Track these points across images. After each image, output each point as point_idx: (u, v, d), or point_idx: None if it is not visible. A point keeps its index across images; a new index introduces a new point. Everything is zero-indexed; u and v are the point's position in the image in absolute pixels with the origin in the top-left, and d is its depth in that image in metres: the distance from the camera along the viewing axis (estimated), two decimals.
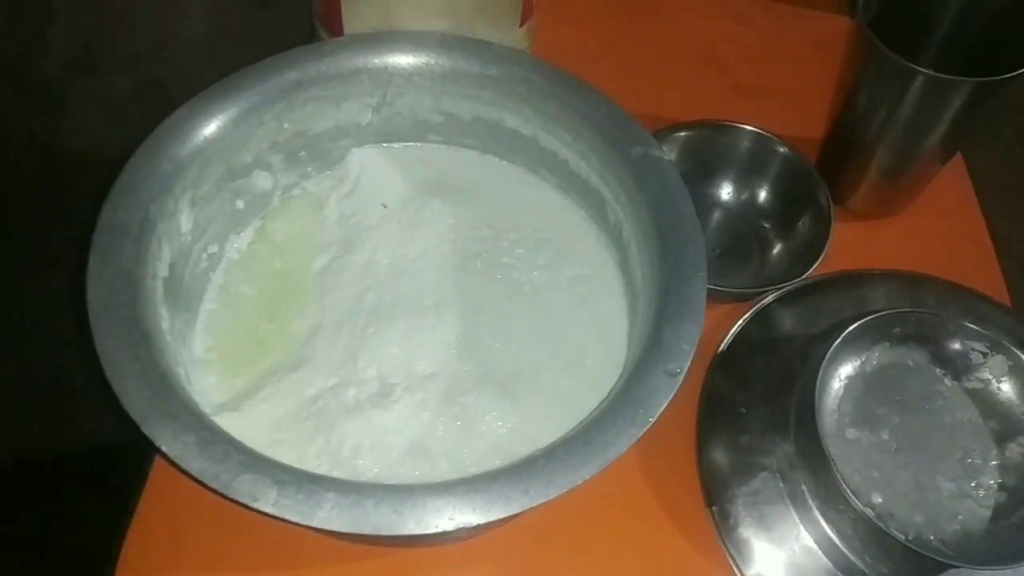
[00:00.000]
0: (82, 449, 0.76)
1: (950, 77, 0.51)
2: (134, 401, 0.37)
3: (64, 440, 0.77)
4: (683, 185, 0.47)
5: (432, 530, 0.35)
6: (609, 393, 0.42)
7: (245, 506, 0.35)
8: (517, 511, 0.36)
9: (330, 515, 0.35)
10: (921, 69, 0.52)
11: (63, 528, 0.72)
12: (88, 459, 0.74)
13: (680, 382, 0.40)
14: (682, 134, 0.61)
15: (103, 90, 0.79)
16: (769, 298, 0.59)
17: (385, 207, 0.55)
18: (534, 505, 0.36)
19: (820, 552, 0.49)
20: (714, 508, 0.51)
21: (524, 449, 0.45)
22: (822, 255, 0.57)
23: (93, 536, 0.51)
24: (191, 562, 0.49)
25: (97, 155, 0.48)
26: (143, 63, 0.78)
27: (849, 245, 0.62)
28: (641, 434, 0.38)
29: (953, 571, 0.47)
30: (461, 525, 0.35)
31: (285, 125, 0.51)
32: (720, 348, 0.57)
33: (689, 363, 0.41)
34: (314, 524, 0.35)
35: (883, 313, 0.52)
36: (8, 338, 0.86)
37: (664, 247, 0.45)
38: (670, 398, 0.40)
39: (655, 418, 0.39)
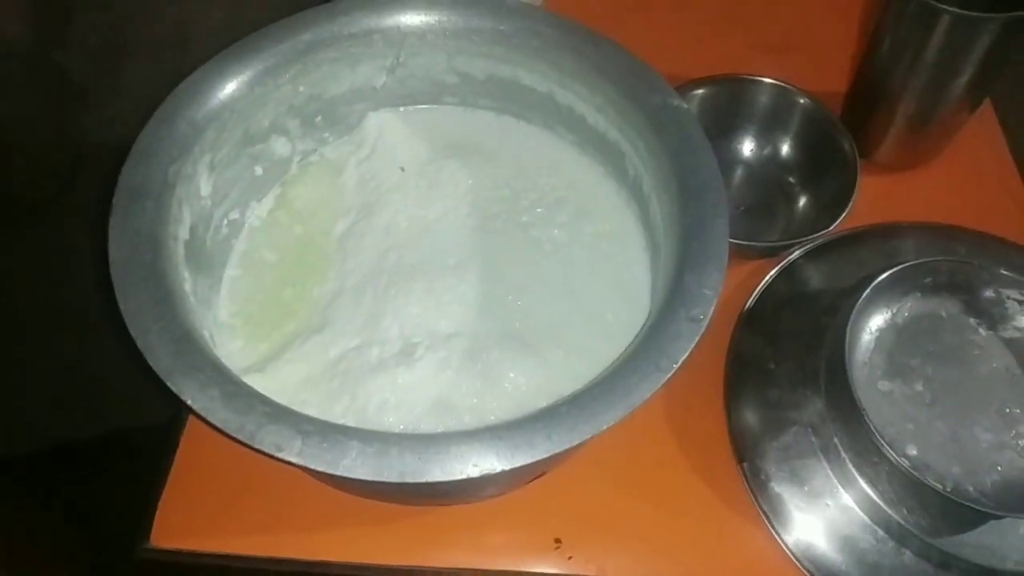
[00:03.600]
0: (118, 432, 0.78)
1: (977, 14, 0.49)
2: (159, 356, 0.37)
3: (101, 423, 0.78)
4: (702, 133, 0.46)
5: (456, 476, 0.35)
6: (632, 342, 0.41)
7: (270, 456, 0.35)
8: (541, 457, 0.36)
9: (354, 463, 0.35)
10: (946, 7, 0.50)
11: (100, 502, 0.74)
12: (123, 441, 0.75)
13: (704, 328, 0.39)
14: (700, 91, 0.60)
15: (127, 81, 0.80)
16: (796, 253, 0.58)
17: (403, 170, 0.55)
18: (558, 451, 0.36)
19: (855, 506, 0.48)
20: (744, 464, 0.50)
21: (547, 403, 0.44)
22: (850, 204, 0.55)
23: (130, 505, 0.52)
24: (221, 527, 0.49)
25: (121, 146, 0.49)
26: (167, 53, 0.79)
27: (876, 198, 0.61)
28: (665, 380, 0.38)
29: (993, 522, 0.46)
30: (485, 471, 0.35)
31: (300, 88, 0.51)
32: (747, 305, 0.56)
33: (712, 309, 0.40)
34: (339, 472, 0.35)
35: (914, 263, 0.51)
36: (39, 327, 0.87)
37: (685, 196, 0.45)
38: (694, 344, 0.39)
39: (679, 364, 0.38)
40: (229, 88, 0.47)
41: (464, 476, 0.35)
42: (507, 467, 0.35)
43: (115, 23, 0.75)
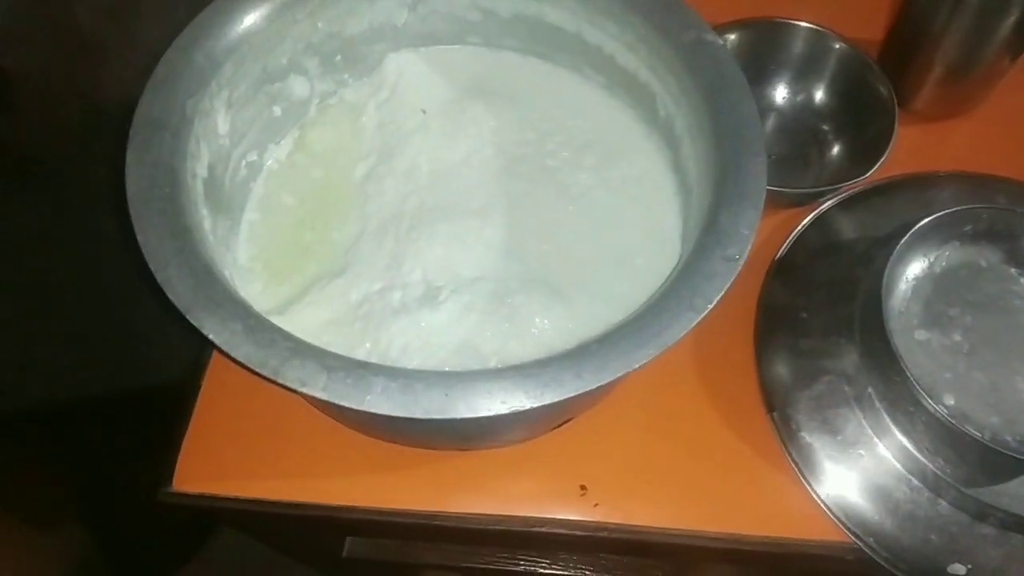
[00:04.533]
0: (143, 386, 0.78)
1: None
2: (178, 290, 0.36)
3: (126, 379, 0.79)
4: (738, 69, 0.45)
5: (483, 413, 0.34)
6: (665, 280, 0.40)
7: (294, 391, 0.35)
8: (570, 395, 0.34)
9: (380, 398, 0.34)
10: None
11: (122, 449, 0.74)
12: (148, 394, 0.75)
13: (739, 268, 0.38)
14: (732, 35, 0.58)
15: (139, 37, 0.78)
16: (829, 203, 0.56)
17: (424, 113, 0.54)
18: (587, 388, 0.35)
19: (890, 456, 0.47)
20: (775, 414, 0.49)
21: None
22: (887, 152, 0.53)
23: (153, 451, 0.52)
24: (244, 471, 0.49)
25: (132, 99, 0.48)
26: (180, 10, 0.77)
27: (913, 148, 0.59)
28: (698, 320, 0.36)
29: None
30: (513, 408, 0.34)
31: (319, 24, 0.50)
32: (778, 255, 0.55)
33: (749, 248, 0.39)
34: (364, 407, 0.34)
35: (954, 210, 0.49)
36: (58, 285, 0.87)
37: (720, 134, 0.43)
38: (729, 283, 0.37)
39: (714, 304, 0.37)
40: (247, 21, 0.46)
41: (492, 413, 0.34)
42: (535, 404, 0.34)
43: None
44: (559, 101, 0.54)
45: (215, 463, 0.49)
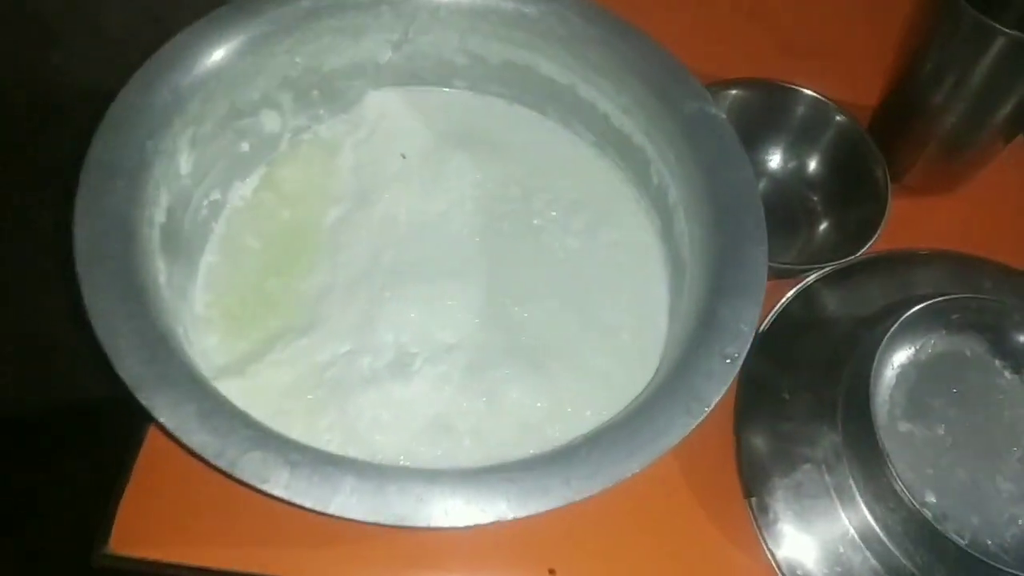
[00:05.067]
0: (70, 407, 0.72)
1: None
2: (128, 364, 0.33)
3: (49, 396, 0.73)
4: (742, 147, 0.43)
5: (461, 524, 0.31)
6: (655, 375, 0.38)
7: (253, 488, 0.31)
8: (557, 505, 0.32)
9: (348, 501, 0.31)
10: (1004, 29, 0.47)
11: (51, 496, 0.68)
12: (77, 417, 0.69)
13: (738, 368, 0.36)
14: (732, 92, 0.56)
15: (98, 23, 0.74)
16: (814, 276, 0.55)
17: (404, 157, 0.51)
18: (576, 500, 0.32)
19: (867, 551, 0.45)
20: (753, 500, 0.47)
21: (556, 429, 0.41)
22: (875, 236, 0.52)
23: (84, 503, 0.47)
24: (192, 534, 0.45)
25: (91, 92, 0.44)
26: None
27: (900, 221, 0.57)
28: (695, 425, 0.34)
29: None
30: (496, 519, 0.31)
31: (297, 59, 0.46)
32: (761, 328, 0.53)
33: (748, 347, 0.37)
34: (330, 511, 0.31)
35: (943, 298, 0.48)
36: None
37: (720, 215, 0.41)
38: (727, 386, 0.35)
39: (711, 408, 0.35)
40: (218, 55, 0.42)
41: (471, 523, 0.31)
42: (519, 515, 0.32)
43: None
44: (546, 156, 0.51)
45: (161, 522, 0.45)
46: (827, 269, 0.54)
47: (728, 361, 0.36)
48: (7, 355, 0.77)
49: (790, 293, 0.54)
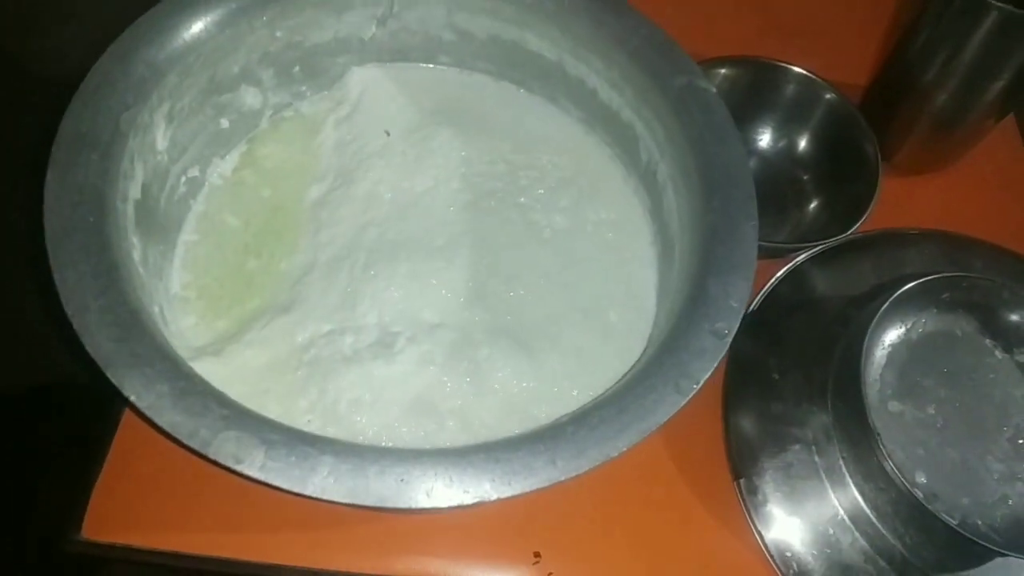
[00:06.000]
0: (43, 389, 0.70)
1: None
2: (99, 342, 0.32)
3: (21, 379, 0.71)
4: (732, 122, 0.42)
5: (444, 504, 0.30)
6: (644, 352, 0.37)
7: (227, 469, 0.30)
8: (542, 485, 0.31)
9: (326, 482, 0.30)
10: (997, 3, 0.46)
11: (25, 476, 0.67)
12: (50, 400, 0.68)
13: (728, 345, 0.35)
14: (721, 70, 0.55)
15: (79, 7, 0.72)
16: (804, 255, 0.54)
17: (388, 134, 0.49)
18: (562, 479, 0.31)
19: (856, 532, 0.45)
20: (741, 481, 0.47)
21: (542, 410, 0.40)
22: (866, 214, 0.51)
23: (57, 488, 0.46)
24: (165, 519, 0.44)
25: (70, 79, 0.43)
26: None
27: (890, 200, 0.57)
28: (684, 403, 0.34)
29: (1000, 559, 0.44)
30: (479, 499, 0.31)
31: (278, 34, 0.45)
32: (750, 308, 0.52)
33: (738, 324, 0.36)
34: (307, 492, 0.30)
35: (934, 276, 0.48)
36: None
37: (709, 190, 0.40)
38: (717, 362, 0.35)
39: (700, 385, 0.34)
40: (196, 27, 0.41)
41: (453, 504, 0.31)
42: (503, 495, 0.31)
43: None
44: (533, 132, 0.50)
45: (133, 507, 0.44)
46: (817, 248, 0.54)
47: (718, 338, 0.35)
48: None
49: (779, 273, 0.54)
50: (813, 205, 0.56)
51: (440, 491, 0.31)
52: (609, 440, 0.32)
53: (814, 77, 0.55)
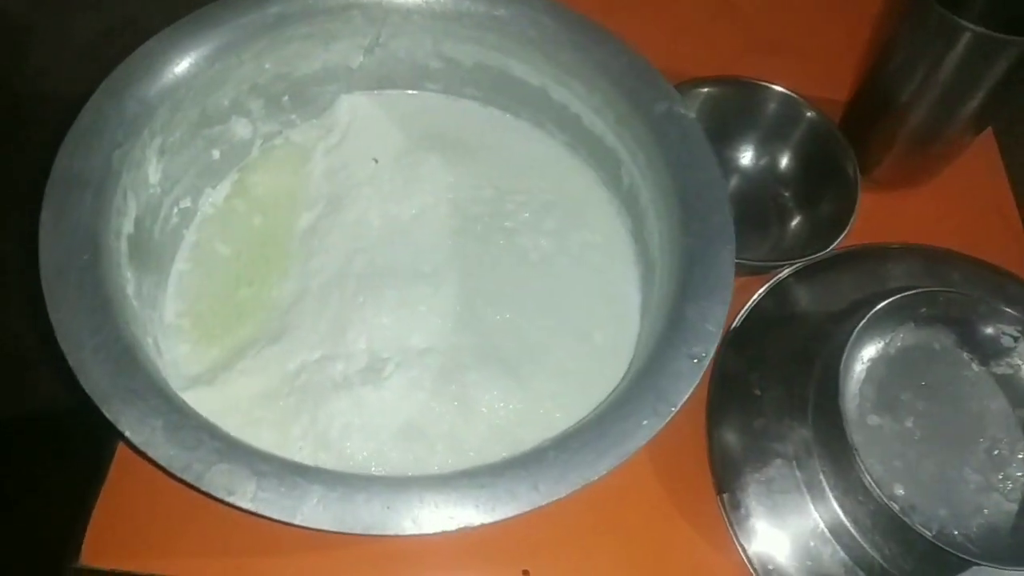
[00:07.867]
0: (40, 416, 0.71)
1: (1002, 36, 0.46)
2: (93, 378, 0.33)
3: (17, 406, 0.72)
4: (710, 148, 0.43)
5: (430, 530, 0.32)
6: (624, 377, 0.38)
7: (220, 500, 0.31)
8: (526, 510, 0.32)
9: (315, 511, 0.31)
10: (970, 25, 0.47)
11: (23, 508, 0.67)
12: (48, 427, 0.69)
13: (705, 368, 0.36)
14: (703, 90, 0.56)
15: (71, 29, 0.73)
16: (785, 272, 0.55)
17: (376, 162, 0.50)
18: (543, 504, 0.33)
19: (836, 545, 0.46)
20: (725, 496, 0.48)
21: (529, 433, 0.41)
22: (846, 230, 0.52)
23: (55, 515, 0.47)
24: (162, 546, 0.45)
25: (63, 98, 0.44)
26: (115, 1, 0.72)
27: (869, 215, 0.58)
28: (662, 426, 0.35)
29: (976, 568, 0.45)
30: (463, 526, 0.32)
31: (266, 66, 0.46)
32: (733, 324, 0.53)
33: (715, 347, 0.37)
34: (296, 522, 0.31)
35: (911, 292, 0.49)
36: None
37: (687, 215, 0.41)
38: (694, 386, 0.36)
39: (678, 408, 0.35)
40: (186, 62, 0.42)
41: (439, 530, 0.32)
42: (487, 520, 0.32)
43: None
44: (520, 157, 0.51)
45: (133, 532, 0.45)
46: (798, 265, 0.55)
47: (695, 361, 0.36)
48: None
49: (762, 289, 0.55)
50: (795, 222, 0.57)
51: (426, 518, 0.32)
52: (589, 465, 0.33)
53: (794, 96, 0.57)
